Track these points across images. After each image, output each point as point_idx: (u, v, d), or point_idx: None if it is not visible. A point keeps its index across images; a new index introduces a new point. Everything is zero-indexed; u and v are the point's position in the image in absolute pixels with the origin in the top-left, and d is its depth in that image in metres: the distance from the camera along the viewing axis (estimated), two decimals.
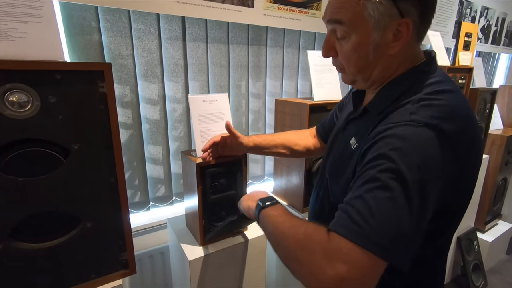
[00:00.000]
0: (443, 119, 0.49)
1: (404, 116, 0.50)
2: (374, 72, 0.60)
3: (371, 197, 0.46)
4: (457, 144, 0.50)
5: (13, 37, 0.66)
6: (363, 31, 0.55)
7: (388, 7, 0.52)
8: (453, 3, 2.52)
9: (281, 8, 1.52)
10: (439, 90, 0.53)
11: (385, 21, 0.53)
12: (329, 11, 0.59)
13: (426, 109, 0.50)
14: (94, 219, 0.78)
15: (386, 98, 0.58)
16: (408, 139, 0.47)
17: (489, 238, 2.18)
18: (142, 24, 1.26)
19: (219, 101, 1.05)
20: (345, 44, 0.58)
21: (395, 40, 0.55)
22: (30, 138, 0.67)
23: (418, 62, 0.59)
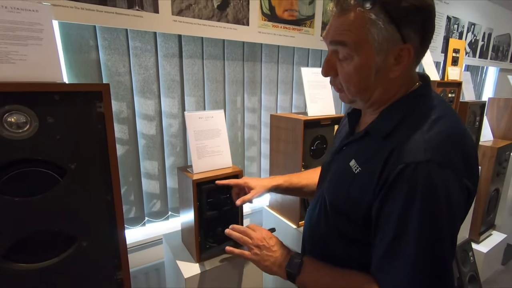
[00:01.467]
0: (454, 152, 0.53)
1: (418, 152, 0.52)
2: (374, 94, 0.61)
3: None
4: (469, 168, 0.54)
5: (14, 60, 0.67)
6: (366, 54, 0.56)
7: (392, 32, 0.54)
8: (441, 20, 2.62)
9: (275, 26, 1.57)
10: (438, 117, 0.56)
11: (388, 46, 0.55)
12: (332, 32, 0.59)
13: (436, 143, 0.53)
14: (89, 237, 0.78)
15: (388, 122, 0.60)
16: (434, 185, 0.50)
17: (484, 249, 2.20)
18: (140, 42, 1.29)
19: (215, 117, 1.07)
20: (347, 65, 0.59)
21: (396, 64, 0.57)
22: (27, 158, 0.67)
23: (414, 84, 0.62)
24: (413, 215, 0.51)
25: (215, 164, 1.06)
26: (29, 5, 0.70)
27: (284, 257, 0.73)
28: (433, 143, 0.52)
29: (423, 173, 0.50)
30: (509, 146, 2.26)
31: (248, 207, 1.74)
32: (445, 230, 0.51)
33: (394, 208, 0.53)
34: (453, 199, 0.51)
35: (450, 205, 0.51)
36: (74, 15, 1.04)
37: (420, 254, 0.51)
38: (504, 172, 2.32)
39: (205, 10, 1.33)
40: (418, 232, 0.51)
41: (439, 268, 0.52)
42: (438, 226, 0.51)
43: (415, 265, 0.51)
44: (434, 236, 0.51)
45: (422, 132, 0.54)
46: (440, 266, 0.52)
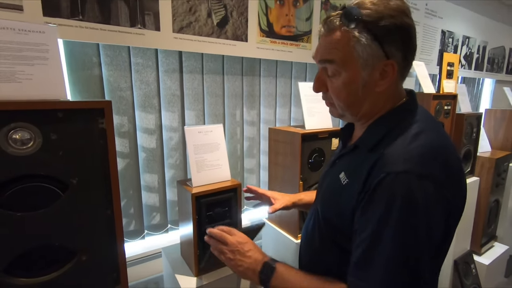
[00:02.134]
0: (433, 164, 0.54)
1: (398, 162, 0.54)
2: (363, 107, 0.64)
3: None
4: (450, 182, 0.55)
5: (20, 79, 0.70)
6: (353, 69, 0.60)
7: (375, 49, 0.58)
8: (436, 33, 2.68)
9: (273, 42, 1.61)
10: (420, 131, 0.58)
11: (372, 62, 0.59)
12: (321, 52, 0.64)
13: (416, 155, 0.54)
14: (89, 252, 0.79)
15: (374, 135, 0.63)
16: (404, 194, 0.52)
17: (486, 261, 2.17)
18: (141, 58, 1.32)
19: (214, 131, 1.09)
20: (336, 81, 0.63)
21: (381, 78, 0.61)
22: (30, 174, 0.69)
23: (401, 100, 0.65)
24: (389, 224, 0.52)
25: (214, 178, 1.07)
26: (36, 27, 0.73)
27: (257, 263, 0.73)
28: (413, 155, 0.54)
29: (401, 183, 0.52)
30: (508, 157, 2.28)
31: (247, 220, 1.74)
32: (421, 241, 0.52)
33: (372, 216, 0.55)
34: (431, 209, 0.52)
35: (427, 215, 0.52)
36: (78, 34, 1.08)
37: (394, 264, 0.52)
38: (503, 183, 2.32)
39: (205, 27, 1.37)
40: (392, 242, 0.52)
41: (413, 280, 0.52)
42: (414, 236, 0.52)
43: (389, 275, 0.52)
44: (409, 247, 0.52)
45: (404, 145, 0.56)
46: (414, 279, 0.52)
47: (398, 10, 0.57)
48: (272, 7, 1.58)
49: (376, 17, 0.56)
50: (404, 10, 0.59)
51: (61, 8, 1.03)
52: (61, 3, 1.03)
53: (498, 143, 2.48)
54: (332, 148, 1.37)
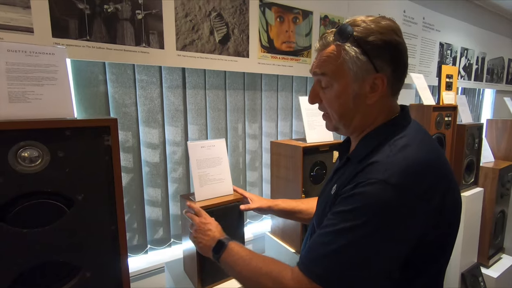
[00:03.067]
0: (412, 178, 0.55)
1: (379, 172, 0.57)
2: (355, 119, 0.67)
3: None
4: (429, 198, 0.56)
5: (30, 99, 0.73)
6: (344, 81, 0.64)
7: (365, 62, 0.62)
8: (434, 46, 2.72)
9: (274, 57, 1.65)
10: (406, 144, 0.60)
11: (362, 74, 0.63)
12: (315, 65, 0.69)
13: (396, 166, 0.56)
14: (93, 268, 0.79)
15: (364, 148, 0.65)
16: (375, 200, 0.55)
17: (494, 274, 2.13)
18: (146, 75, 1.36)
19: (216, 146, 1.11)
20: (328, 92, 0.67)
21: (372, 91, 0.64)
22: (37, 190, 0.71)
23: (394, 114, 0.68)
24: (353, 221, 0.55)
25: (217, 192, 1.08)
26: (46, 49, 0.77)
27: (214, 240, 0.82)
28: (395, 166, 0.56)
29: (376, 190, 0.55)
30: (511, 167, 2.27)
31: (250, 234, 1.73)
32: (377, 247, 0.54)
33: (339, 211, 0.58)
34: (398, 220, 0.54)
35: (394, 225, 0.54)
36: (86, 53, 1.12)
37: (342, 253, 0.55)
38: (508, 194, 2.30)
39: (208, 45, 1.41)
40: (348, 235, 0.55)
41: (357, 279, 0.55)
42: (370, 239, 0.54)
43: (335, 263, 0.56)
44: (362, 247, 0.54)
45: (389, 156, 0.59)
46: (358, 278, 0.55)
47: (387, 28, 0.62)
48: (272, 24, 1.63)
49: (366, 33, 0.61)
50: (394, 29, 0.63)
51: (70, 29, 1.08)
52: (70, 24, 1.08)
53: (501, 153, 2.47)
54: (334, 161, 1.38)
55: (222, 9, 1.44)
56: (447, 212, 0.59)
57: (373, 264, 0.55)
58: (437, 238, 0.60)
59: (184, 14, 1.33)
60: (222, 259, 0.77)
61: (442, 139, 1.77)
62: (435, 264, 0.63)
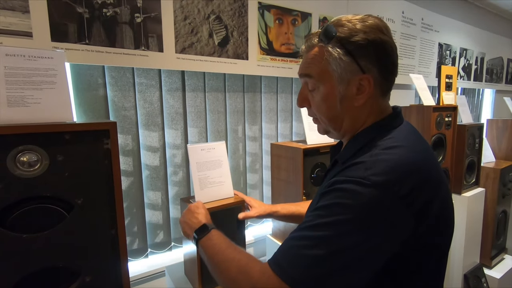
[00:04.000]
0: (393, 178, 0.52)
1: (359, 170, 0.55)
2: (344, 122, 0.66)
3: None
4: (411, 201, 0.53)
5: (29, 103, 0.72)
6: (329, 83, 0.63)
7: (349, 63, 0.60)
8: (433, 47, 2.73)
9: (273, 59, 1.65)
10: (393, 146, 0.58)
11: (347, 76, 0.61)
12: (301, 67, 0.68)
13: (379, 166, 0.54)
14: (93, 272, 0.79)
15: (351, 149, 0.64)
16: (352, 197, 0.53)
17: (497, 275, 2.12)
18: (145, 78, 1.36)
19: (216, 149, 1.10)
20: (315, 95, 0.66)
21: (359, 93, 0.62)
22: (36, 195, 0.70)
23: (384, 116, 0.65)
24: (328, 217, 0.53)
25: (217, 195, 1.08)
26: (45, 53, 0.76)
27: (198, 223, 0.82)
28: (376, 166, 0.54)
29: (354, 187, 0.53)
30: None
31: (251, 236, 1.72)
32: (350, 244, 0.51)
33: (317, 206, 0.57)
34: (372, 219, 0.52)
35: (366, 224, 0.52)
36: (85, 57, 1.12)
37: (312, 250, 0.52)
38: (509, 194, 2.29)
39: (207, 47, 1.42)
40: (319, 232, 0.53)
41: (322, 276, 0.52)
42: (344, 236, 0.51)
43: (303, 259, 0.53)
44: (334, 245, 0.52)
45: (372, 156, 0.57)
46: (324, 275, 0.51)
47: (372, 27, 0.59)
48: (271, 26, 1.63)
49: (349, 33, 0.59)
50: (379, 27, 0.61)
51: (69, 33, 1.08)
52: (69, 28, 1.08)
53: (502, 153, 2.46)
54: None
55: (221, 12, 1.44)
56: (430, 224, 0.55)
57: (346, 262, 0.52)
58: (415, 251, 0.56)
59: (183, 17, 1.33)
60: (201, 242, 0.76)
61: (443, 139, 1.76)
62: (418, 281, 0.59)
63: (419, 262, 0.58)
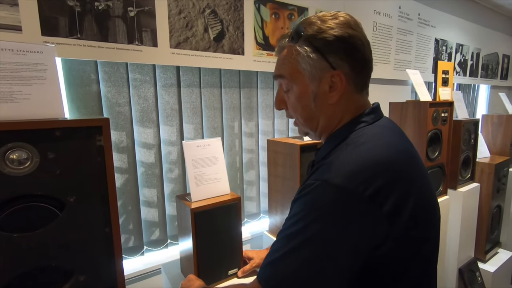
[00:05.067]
0: (359, 178, 0.50)
1: (326, 172, 0.54)
2: (320, 122, 0.65)
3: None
4: (380, 201, 0.50)
5: (17, 99, 0.70)
6: (301, 82, 0.63)
7: (318, 60, 0.59)
8: (430, 42, 2.72)
9: (270, 54, 1.64)
10: (361, 143, 0.56)
11: (318, 73, 0.60)
12: (275, 69, 0.68)
13: (343, 167, 0.53)
14: (87, 272, 0.77)
15: (326, 149, 0.63)
16: (317, 201, 0.53)
17: (491, 268, 2.14)
18: (139, 74, 1.34)
19: (212, 145, 1.09)
20: (290, 96, 0.66)
21: (331, 90, 0.61)
22: (27, 193, 0.69)
23: (361, 113, 0.63)
24: (296, 226, 0.54)
25: (214, 192, 1.07)
26: (34, 47, 0.74)
27: None
28: (342, 165, 0.53)
29: (317, 191, 0.53)
30: (507, 162, 2.28)
31: (248, 233, 1.72)
32: (317, 251, 0.51)
33: (288, 215, 0.58)
34: (337, 220, 0.51)
35: (332, 225, 0.51)
36: (77, 52, 1.09)
37: (285, 260, 0.54)
38: (504, 188, 2.32)
39: (202, 42, 1.39)
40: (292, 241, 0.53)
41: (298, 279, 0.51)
42: (312, 244, 0.51)
43: (278, 269, 0.54)
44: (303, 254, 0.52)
45: (339, 156, 0.56)
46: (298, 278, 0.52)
47: (340, 24, 0.59)
48: (267, 20, 1.61)
49: (316, 31, 0.59)
50: (348, 22, 0.59)
51: (60, 27, 1.05)
52: (59, 22, 1.05)
53: (497, 148, 2.48)
54: None
55: (216, 6, 1.42)
56: (407, 226, 0.52)
57: (316, 271, 0.50)
58: (395, 259, 0.53)
59: (178, 11, 1.31)
60: None
61: (439, 135, 1.77)
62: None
63: (400, 271, 0.54)
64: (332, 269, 0.51)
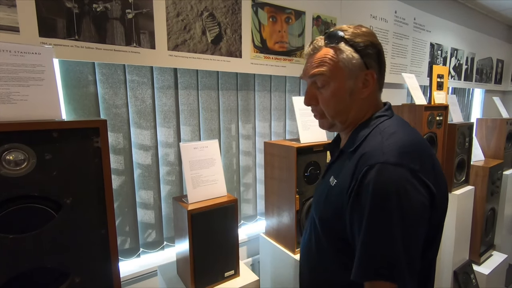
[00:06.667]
0: (408, 157, 0.60)
1: (377, 156, 0.61)
2: (350, 114, 0.73)
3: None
4: (426, 177, 0.60)
5: (15, 100, 0.70)
6: (340, 79, 0.70)
7: (358, 60, 0.69)
8: (425, 46, 2.76)
9: (267, 57, 1.65)
10: (395, 131, 0.66)
11: (355, 71, 0.69)
12: (310, 68, 0.73)
13: (392, 148, 0.61)
14: (82, 273, 0.77)
15: (356, 139, 0.70)
16: (378, 181, 0.58)
17: (486, 271, 2.16)
18: (136, 75, 1.34)
19: (209, 147, 1.09)
20: (325, 91, 0.71)
21: (364, 87, 0.71)
22: (23, 195, 0.68)
23: (380, 109, 0.75)
24: (370, 209, 0.58)
25: (210, 193, 1.07)
26: (32, 48, 0.74)
27: None
28: (389, 149, 0.61)
29: (380, 172, 0.59)
30: (501, 165, 2.30)
31: (244, 235, 1.72)
32: (396, 227, 0.56)
33: (362, 210, 0.60)
34: (406, 193, 0.57)
35: (405, 199, 0.57)
36: (74, 53, 1.09)
37: (369, 243, 0.58)
38: (498, 191, 2.34)
39: (200, 45, 1.40)
40: (369, 228, 0.58)
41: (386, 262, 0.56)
42: (388, 220, 0.57)
43: (365, 254, 0.59)
44: (385, 230, 0.57)
45: (381, 142, 0.64)
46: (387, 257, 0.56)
47: (368, 32, 0.71)
48: (265, 24, 1.62)
49: (354, 35, 0.69)
50: (372, 33, 0.71)
51: (57, 28, 1.05)
52: (57, 24, 1.05)
53: (491, 151, 2.51)
54: (328, 161, 1.38)
55: (214, 9, 1.43)
56: (437, 194, 0.61)
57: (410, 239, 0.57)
58: (432, 223, 0.62)
59: (176, 13, 1.31)
60: None
61: (434, 138, 1.78)
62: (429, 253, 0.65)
63: (424, 248, 0.62)
64: (419, 237, 0.59)
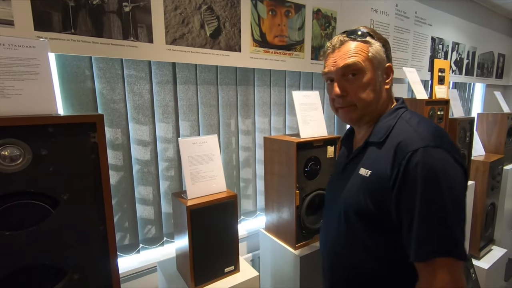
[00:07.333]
0: (442, 140, 0.66)
1: (416, 142, 0.65)
2: (378, 105, 0.77)
3: None
4: (458, 156, 0.66)
5: (9, 95, 0.69)
6: (372, 69, 0.75)
7: (383, 53, 0.76)
8: (426, 40, 2.73)
9: (267, 51, 1.63)
10: (419, 120, 0.72)
11: (382, 63, 0.76)
12: (341, 60, 0.75)
13: (427, 134, 0.66)
14: (81, 270, 0.76)
15: (382, 130, 0.75)
16: (426, 165, 0.62)
17: (485, 265, 2.17)
18: (134, 70, 1.32)
19: (208, 142, 1.08)
20: (357, 82, 0.75)
21: (387, 77, 0.78)
22: (19, 191, 0.67)
23: (393, 102, 0.81)
24: (422, 189, 0.62)
25: (210, 189, 1.06)
26: (26, 42, 0.73)
27: None
28: (425, 134, 0.67)
29: (424, 155, 0.63)
30: (501, 160, 2.30)
31: (244, 231, 1.72)
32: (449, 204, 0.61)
33: (413, 194, 0.63)
34: (451, 170, 0.63)
35: (450, 176, 0.62)
36: (70, 47, 1.07)
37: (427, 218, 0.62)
38: (498, 186, 2.34)
39: (198, 39, 1.38)
40: (424, 206, 0.62)
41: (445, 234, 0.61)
42: (441, 197, 0.61)
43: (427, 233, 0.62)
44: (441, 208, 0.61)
45: (415, 130, 0.69)
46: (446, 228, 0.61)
47: (379, 32, 0.79)
48: (264, 17, 1.60)
49: (374, 33, 0.77)
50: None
51: (53, 22, 1.03)
52: (53, 17, 1.03)
53: (492, 146, 2.50)
54: (328, 156, 1.37)
55: (213, 2, 1.40)
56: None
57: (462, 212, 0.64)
58: None
59: (174, 7, 1.29)
60: None
61: None
62: None
63: None
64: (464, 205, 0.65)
